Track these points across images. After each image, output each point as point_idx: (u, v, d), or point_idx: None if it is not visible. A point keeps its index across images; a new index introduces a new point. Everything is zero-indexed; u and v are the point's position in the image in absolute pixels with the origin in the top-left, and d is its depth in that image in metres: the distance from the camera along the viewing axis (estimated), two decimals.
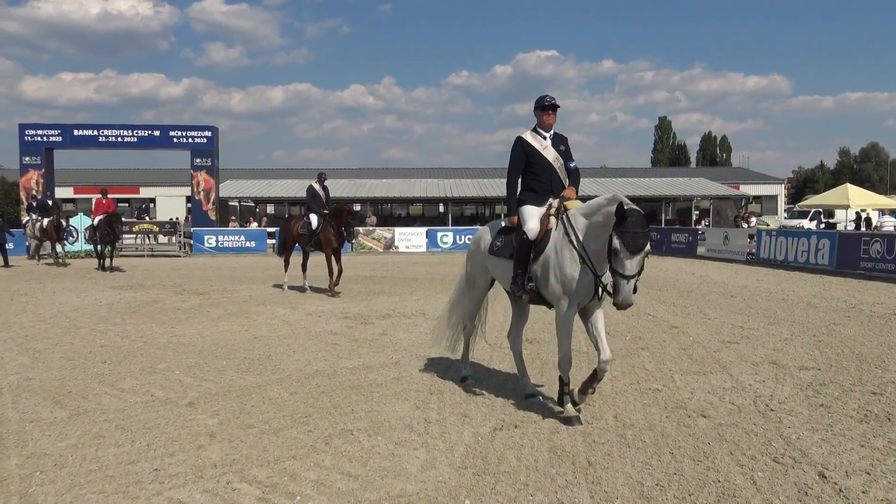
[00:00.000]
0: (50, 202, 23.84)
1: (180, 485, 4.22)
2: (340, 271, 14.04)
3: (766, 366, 7.30)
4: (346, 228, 13.85)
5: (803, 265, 20.14)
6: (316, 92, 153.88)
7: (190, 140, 31.46)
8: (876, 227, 31.95)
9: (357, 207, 51.51)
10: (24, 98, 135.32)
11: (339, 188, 45.25)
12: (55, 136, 30.90)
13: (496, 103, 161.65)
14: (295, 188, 44.82)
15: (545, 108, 6.01)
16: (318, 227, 14.19)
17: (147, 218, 33.84)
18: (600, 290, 5.33)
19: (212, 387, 6.57)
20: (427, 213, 53.98)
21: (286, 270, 15.23)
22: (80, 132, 31.28)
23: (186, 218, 36.38)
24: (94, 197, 27.69)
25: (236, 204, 45.42)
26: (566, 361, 5.55)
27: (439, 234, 31.18)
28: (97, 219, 20.61)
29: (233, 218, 39.60)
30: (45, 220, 22.48)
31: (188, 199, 34.32)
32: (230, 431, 5.23)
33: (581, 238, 5.35)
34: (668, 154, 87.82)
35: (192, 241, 29.54)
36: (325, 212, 14.26)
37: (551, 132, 6.07)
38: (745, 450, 4.77)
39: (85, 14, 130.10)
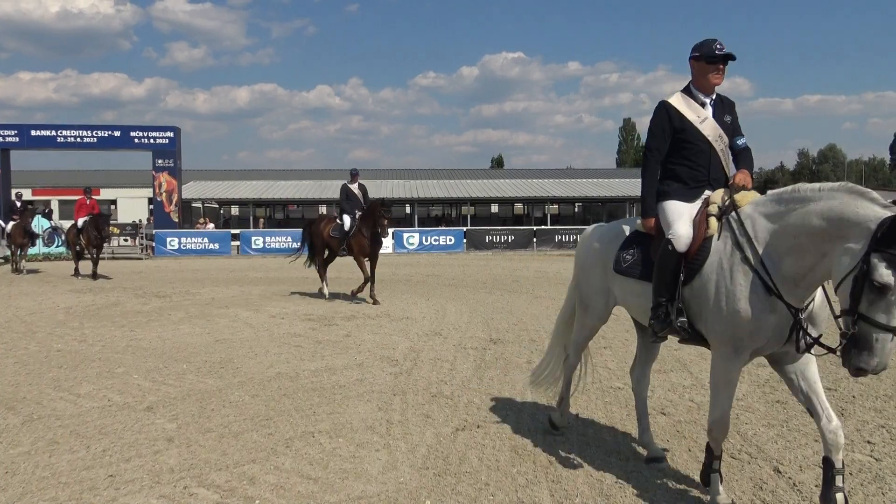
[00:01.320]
0: (18, 203, 21.64)
1: (136, 490, 4.14)
2: (372, 281, 12.90)
3: None
4: (381, 226, 12.52)
5: None
6: (282, 92, 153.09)
7: (151, 141, 31.03)
8: None
9: (323, 210, 51.32)
10: None
11: (304, 189, 44.99)
12: (11, 136, 30.24)
13: (463, 104, 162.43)
14: (260, 189, 44.44)
15: (713, 59, 4.11)
16: (352, 230, 13.02)
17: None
18: (800, 336, 3.63)
19: (171, 391, 6.47)
20: (394, 215, 53.90)
21: (324, 277, 13.71)
22: (38, 132, 30.67)
23: (148, 220, 35.85)
24: (55, 199, 27.12)
25: (200, 205, 44.86)
26: (720, 426, 3.87)
27: (405, 235, 31.14)
28: (81, 220, 18.79)
29: (204, 219, 39.12)
30: (10, 224, 20.63)
31: (150, 200, 33.81)
32: (189, 436, 5.15)
33: (762, 250, 3.58)
34: (633, 155, 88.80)
35: (153, 244, 29.09)
36: (360, 214, 13.06)
37: (713, 95, 4.28)
38: (704, 446, 4.82)
39: (44, 12, 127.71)
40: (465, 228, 33.16)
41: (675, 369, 7.16)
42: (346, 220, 13.11)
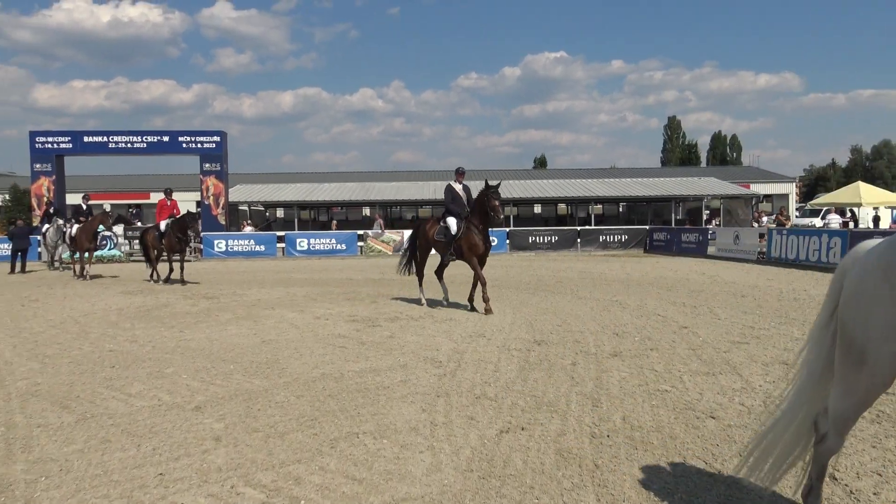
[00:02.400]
0: (85, 205, 21.29)
1: (184, 489, 4.21)
2: (484, 282, 11.85)
3: (776, 366, 7.23)
4: (492, 208, 11.40)
5: (815, 264, 19.99)
6: (325, 96, 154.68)
7: (199, 145, 31.63)
8: (825, 224, 30.84)
9: (366, 211, 51.69)
10: (37, 106, 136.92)
11: (348, 192, 45.36)
12: (65, 143, 31.18)
13: (505, 105, 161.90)
14: (304, 192, 44.94)
15: None
16: (459, 233, 12.05)
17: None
18: None
19: (219, 391, 6.56)
20: (436, 216, 53.96)
21: (421, 282, 13.15)
22: (90, 139, 31.55)
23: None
24: (107, 203, 27.79)
25: (246, 208, 45.57)
26: None
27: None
28: (163, 223, 18.13)
29: (245, 222, 39.78)
30: (76, 227, 20.11)
31: (198, 203, 34.49)
32: (236, 435, 5.22)
33: None
34: (678, 153, 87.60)
35: (202, 246, 29.64)
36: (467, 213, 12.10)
37: None
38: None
39: (96, 22, 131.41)
40: (508, 229, 32.98)
41: (725, 372, 6.99)
42: (452, 222, 12.18)
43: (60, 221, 23.18)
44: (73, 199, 36.28)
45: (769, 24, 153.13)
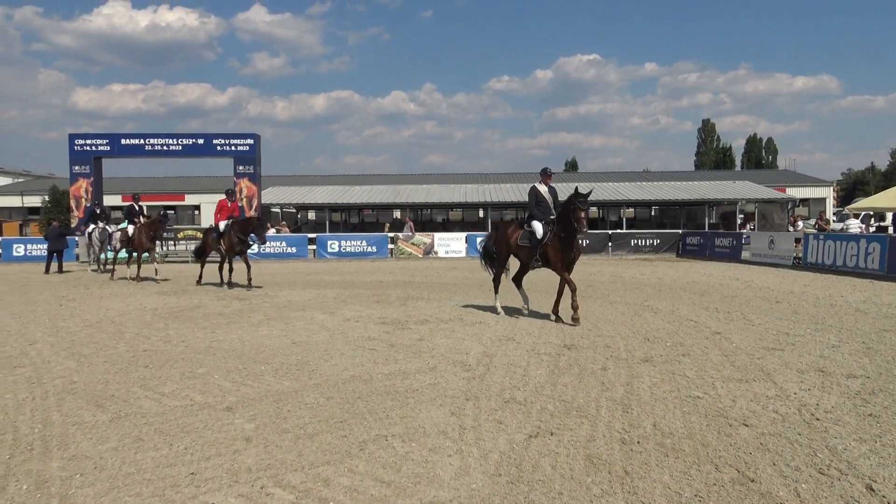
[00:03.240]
0: (137, 206, 20.50)
1: (215, 489, 4.26)
2: (574, 288, 10.90)
3: (812, 373, 7.09)
4: (576, 219, 10.45)
5: (852, 269, 19.59)
6: (358, 99, 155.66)
7: (233, 148, 32.02)
8: (842, 229, 30.01)
9: (396, 214, 51.88)
10: (77, 109, 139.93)
11: (379, 194, 45.57)
12: (103, 145, 31.77)
13: (536, 108, 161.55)
14: (336, 194, 45.26)
15: None
16: (545, 238, 11.11)
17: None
18: None
19: (249, 391, 6.63)
20: (467, 219, 54.07)
21: (498, 290, 12.16)
22: (127, 141, 32.10)
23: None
24: (144, 205, 28.20)
25: (278, 210, 46.04)
26: None
27: (479, 239, 31.04)
28: (222, 223, 17.12)
29: (283, 222, 40.26)
30: (130, 228, 19.55)
31: None
32: (266, 436, 5.26)
33: None
34: (713, 157, 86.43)
35: None
36: (552, 218, 11.18)
37: None
38: (789, 460, 4.63)
39: (134, 27, 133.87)
40: None
41: (758, 379, 6.88)
42: (538, 227, 11.30)
43: (102, 224, 23.24)
44: (110, 200, 36.95)
45: (806, 26, 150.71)
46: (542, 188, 11.63)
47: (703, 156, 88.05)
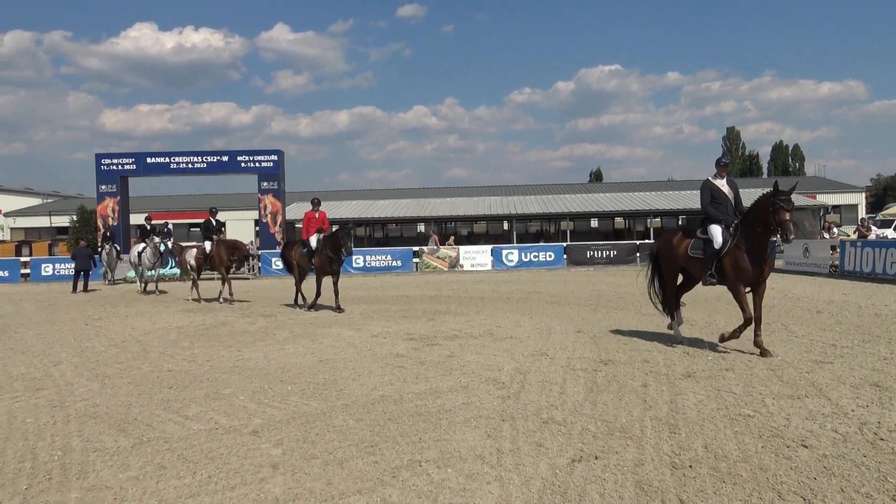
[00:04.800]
0: (214, 221, 18.62)
1: None
2: (759, 320, 8.81)
3: (867, 388, 6.68)
4: (781, 223, 8.35)
5: (893, 277, 18.96)
6: (380, 114, 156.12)
7: (257, 164, 32.11)
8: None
9: (421, 228, 51.69)
10: (105, 130, 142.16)
11: (402, 208, 45.44)
12: (129, 164, 32.04)
13: (559, 119, 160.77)
14: (360, 209, 45.23)
15: None
16: (725, 246, 8.78)
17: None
18: None
19: (276, 413, 6.38)
20: (491, 231, 53.74)
21: (671, 309, 9.92)
22: (153, 160, 32.35)
23: (254, 241, 37.00)
24: (170, 222, 28.28)
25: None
26: None
27: (504, 252, 30.75)
28: (313, 238, 15.36)
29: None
30: (208, 245, 18.04)
31: (256, 222, 34.94)
32: (293, 462, 5.00)
33: None
34: (739, 165, 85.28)
35: (260, 264, 29.94)
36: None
37: None
38: (859, 486, 4.26)
39: (161, 48, 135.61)
40: (565, 244, 32.46)
41: (811, 395, 6.48)
42: (717, 231, 8.92)
43: (157, 240, 21.79)
44: (137, 218, 37.26)
45: (830, 31, 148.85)
46: (719, 182, 9.36)
47: (729, 164, 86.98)
